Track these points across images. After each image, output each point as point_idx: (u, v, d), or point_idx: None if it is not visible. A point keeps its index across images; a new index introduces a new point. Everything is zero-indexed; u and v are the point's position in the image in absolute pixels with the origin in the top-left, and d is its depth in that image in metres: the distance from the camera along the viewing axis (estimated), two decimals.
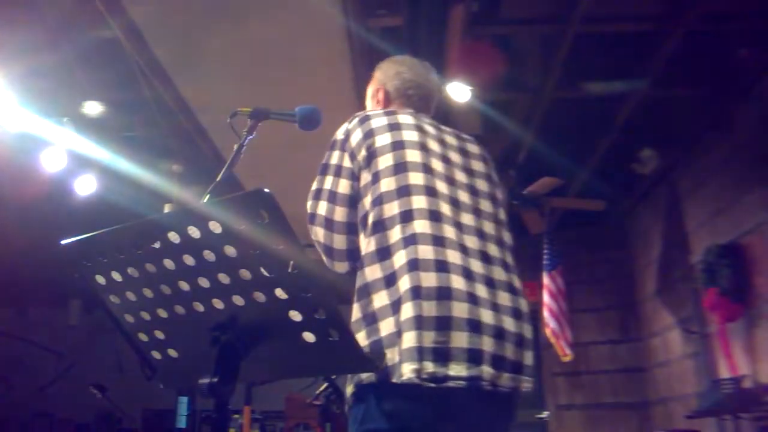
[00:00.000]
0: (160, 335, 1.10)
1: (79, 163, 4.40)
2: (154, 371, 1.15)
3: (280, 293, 0.95)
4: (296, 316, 0.96)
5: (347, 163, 1.52)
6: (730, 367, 3.94)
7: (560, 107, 4.26)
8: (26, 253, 5.84)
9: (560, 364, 5.12)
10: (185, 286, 1.00)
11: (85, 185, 4.55)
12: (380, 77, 1.77)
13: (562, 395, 5.88)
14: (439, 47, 3.50)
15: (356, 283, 1.43)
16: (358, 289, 1.41)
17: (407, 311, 1.30)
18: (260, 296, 0.96)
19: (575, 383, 5.85)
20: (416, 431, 1.29)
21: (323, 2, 3.25)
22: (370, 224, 1.43)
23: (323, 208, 1.51)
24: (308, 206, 1.55)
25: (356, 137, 1.52)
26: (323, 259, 1.57)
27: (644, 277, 5.58)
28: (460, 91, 3.80)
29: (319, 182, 1.54)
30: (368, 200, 1.46)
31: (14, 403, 6.90)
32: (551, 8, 3.51)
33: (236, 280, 0.96)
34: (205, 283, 0.98)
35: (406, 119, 1.56)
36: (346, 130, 1.56)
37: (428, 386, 1.26)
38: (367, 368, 1.25)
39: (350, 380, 1.38)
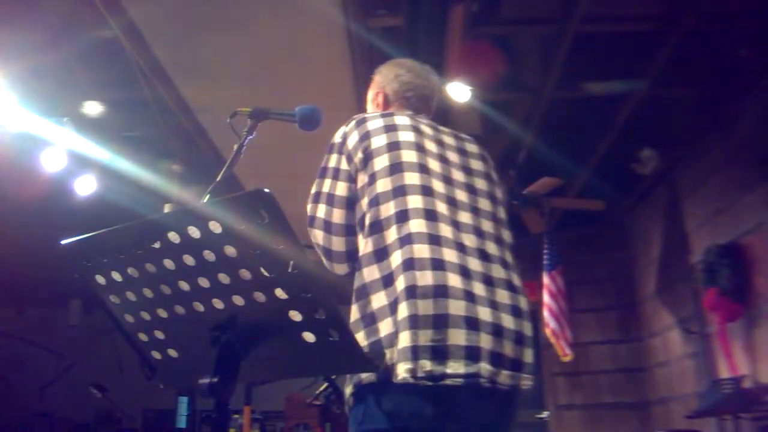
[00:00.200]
0: (160, 335, 1.10)
1: (79, 163, 4.39)
2: (154, 371, 1.15)
3: (280, 293, 0.95)
4: (296, 316, 0.96)
5: (344, 165, 1.53)
6: (730, 367, 3.94)
7: (560, 107, 4.25)
8: (26, 253, 5.84)
9: (560, 364, 5.11)
10: (185, 286, 1.00)
11: (85, 185, 4.55)
12: (379, 81, 1.78)
13: (562, 395, 5.88)
14: (439, 47, 3.51)
15: (354, 284, 1.43)
16: (356, 290, 1.42)
17: (403, 311, 1.31)
18: (260, 296, 0.96)
19: (575, 383, 5.85)
20: (416, 430, 1.29)
21: (323, 2, 3.25)
22: (367, 225, 1.44)
23: (322, 210, 1.52)
24: (308, 209, 1.56)
25: (353, 140, 1.53)
26: (323, 261, 1.58)
27: (644, 277, 5.58)
28: (460, 91, 3.80)
29: (317, 185, 1.55)
30: (365, 201, 1.47)
31: (14, 403, 6.90)
32: (551, 8, 3.51)
33: (236, 280, 0.96)
34: (205, 283, 0.98)
35: (402, 120, 1.56)
36: (343, 133, 1.57)
37: (426, 385, 1.27)
38: (367, 368, 1.25)
39: (349, 381, 1.38)
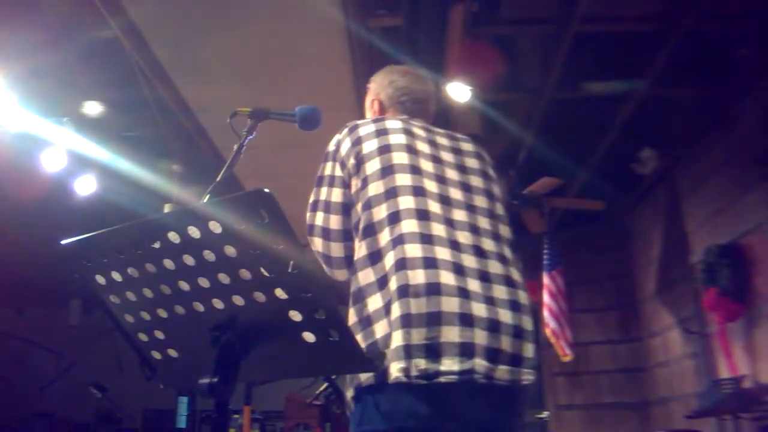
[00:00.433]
0: (160, 335, 1.10)
1: (79, 163, 4.39)
2: (154, 371, 1.15)
3: (280, 293, 0.95)
4: (296, 316, 0.96)
5: (338, 172, 1.55)
6: (730, 367, 3.94)
7: (560, 107, 4.25)
8: (26, 253, 5.84)
9: (560, 364, 5.11)
10: (185, 286, 1.00)
11: (85, 185, 4.55)
12: (374, 88, 1.81)
13: (562, 395, 5.88)
14: (439, 47, 3.50)
15: (351, 288, 1.44)
16: (352, 293, 1.43)
17: (395, 311, 1.32)
18: (260, 296, 0.96)
19: (575, 383, 5.85)
20: (413, 430, 1.29)
21: (323, 2, 3.25)
22: (361, 229, 1.46)
23: (320, 218, 1.55)
24: (307, 218, 1.58)
25: (345, 146, 1.55)
26: (324, 268, 1.59)
27: (644, 277, 5.58)
28: (460, 91, 3.80)
29: (315, 194, 1.58)
30: (359, 206, 1.48)
31: (14, 403, 6.90)
32: (551, 8, 3.51)
33: (236, 280, 0.96)
34: (205, 283, 0.98)
35: (393, 124, 1.58)
36: (336, 140, 1.59)
37: (420, 384, 1.27)
38: (366, 368, 1.25)
39: (350, 384, 1.39)
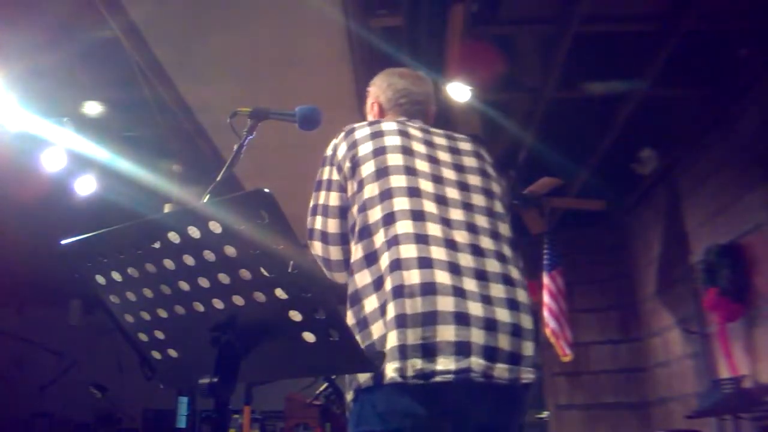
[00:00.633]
0: (160, 335, 1.10)
1: (79, 163, 4.39)
2: (154, 371, 1.15)
3: (280, 293, 0.95)
4: (296, 316, 0.96)
5: (335, 176, 1.56)
6: (730, 367, 3.94)
7: (560, 107, 4.25)
8: (26, 252, 5.84)
9: (560, 364, 5.11)
10: (185, 286, 1.00)
11: (85, 185, 4.55)
12: (374, 91, 1.82)
13: (562, 395, 5.88)
14: (439, 47, 3.50)
15: (348, 290, 1.45)
16: (350, 295, 1.43)
17: (390, 311, 1.32)
18: (260, 296, 0.96)
19: (575, 383, 5.85)
20: (410, 431, 1.29)
21: (323, 2, 3.25)
22: (356, 231, 1.46)
23: (319, 222, 1.56)
24: (307, 223, 1.59)
25: (342, 150, 1.56)
26: (324, 271, 1.61)
27: (644, 277, 5.58)
28: (460, 91, 3.80)
29: (314, 198, 1.59)
30: (355, 209, 1.49)
31: (14, 403, 6.90)
32: (551, 8, 3.51)
33: (236, 280, 0.96)
34: (205, 283, 0.98)
35: (389, 126, 1.58)
36: (333, 145, 1.60)
37: (417, 384, 1.27)
38: (366, 368, 1.25)
39: (349, 386, 1.40)
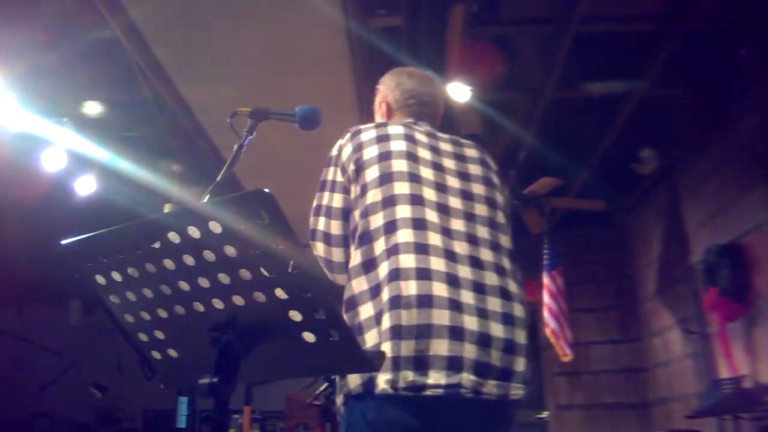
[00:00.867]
0: (160, 335, 1.10)
1: (79, 163, 4.40)
2: (154, 371, 1.15)
3: (280, 293, 0.95)
4: (296, 316, 0.96)
5: (339, 177, 1.55)
6: (730, 367, 3.94)
7: (560, 107, 4.25)
8: (26, 252, 5.84)
9: (560, 364, 5.11)
10: (185, 286, 1.00)
11: (85, 185, 4.55)
12: (382, 90, 1.80)
13: (562, 395, 5.88)
14: (439, 47, 3.50)
15: (344, 295, 1.44)
16: (345, 300, 1.42)
17: (386, 321, 1.31)
18: (260, 296, 0.96)
19: (575, 383, 5.85)
20: None
21: (323, 2, 3.25)
22: (357, 236, 1.45)
23: (322, 223, 1.55)
24: (310, 223, 1.58)
25: (347, 152, 1.55)
26: (326, 272, 1.60)
27: (644, 277, 5.58)
28: (460, 91, 3.80)
29: (318, 199, 1.58)
30: (357, 213, 1.48)
31: (14, 403, 6.90)
32: (551, 8, 3.51)
33: (236, 280, 0.96)
34: (205, 283, 0.98)
35: (396, 130, 1.56)
36: (339, 145, 1.59)
37: (407, 395, 1.27)
38: (366, 368, 1.25)
39: (339, 391, 1.39)
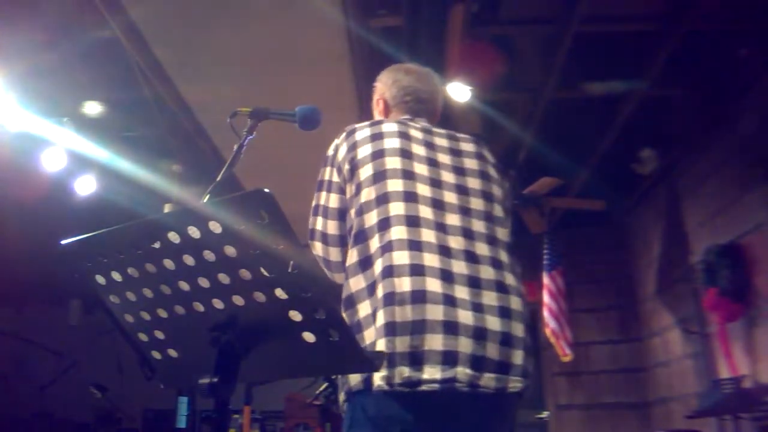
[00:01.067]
0: (160, 335, 1.10)
1: (79, 163, 4.40)
2: (154, 371, 1.15)
3: (280, 293, 0.95)
4: (296, 316, 0.96)
5: (335, 177, 1.56)
6: (730, 367, 3.94)
7: (560, 107, 4.25)
8: (26, 252, 5.84)
9: (560, 364, 5.11)
10: (185, 286, 1.00)
11: (85, 185, 4.55)
12: (380, 87, 1.80)
13: (562, 395, 5.88)
14: (439, 47, 3.50)
15: (343, 293, 1.44)
16: (344, 299, 1.43)
17: (380, 318, 1.32)
18: (260, 296, 0.96)
19: (575, 383, 5.85)
20: None
21: (323, 2, 3.25)
22: (353, 235, 1.46)
23: (319, 223, 1.56)
24: (309, 222, 1.59)
25: (342, 151, 1.56)
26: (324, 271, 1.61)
27: (644, 277, 5.58)
28: (460, 91, 3.80)
29: (316, 199, 1.59)
30: (353, 212, 1.49)
31: (14, 403, 6.89)
32: (551, 8, 3.51)
33: (236, 280, 0.96)
34: (205, 283, 0.98)
35: (389, 127, 1.57)
36: (335, 145, 1.60)
37: (403, 391, 1.27)
38: (366, 368, 1.25)
39: (342, 388, 1.40)
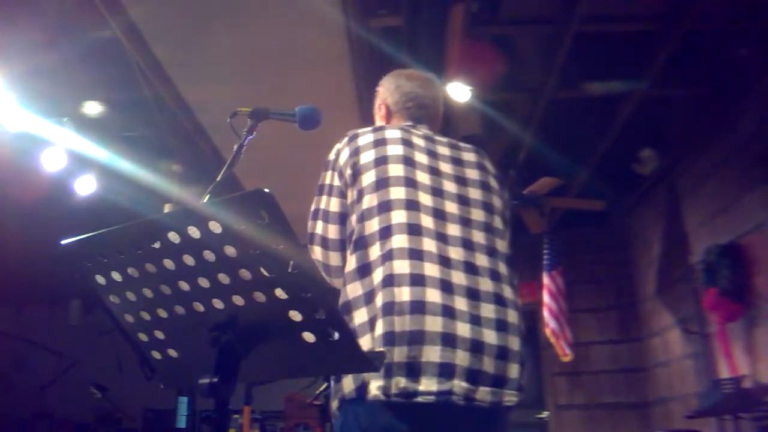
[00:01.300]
0: (160, 335, 1.10)
1: (79, 163, 4.40)
2: (154, 371, 1.15)
3: (280, 293, 0.95)
4: (296, 316, 0.96)
5: (337, 182, 1.55)
6: (730, 367, 3.94)
7: (560, 107, 4.25)
8: (26, 252, 5.84)
9: (560, 364, 5.11)
10: (185, 286, 1.00)
11: (85, 185, 4.55)
12: (382, 92, 1.79)
13: (562, 395, 5.88)
14: (439, 47, 3.50)
15: (339, 300, 1.44)
16: (340, 305, 1.42)
17: (379, 327, 1.32)
18: (260, 296, 0.96)
19: (575, 383, 5.85)
20: None
21: (323, 2, 3.25)
22: (353, 241, 1.45)
23: (319, 227, 1.56)
24: (308, 226, 1.58)
25: (344, 156, 1.55)
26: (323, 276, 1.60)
27: (644, 277, 5.58)
28: (460, 91, 3.80)
29: (316, 203, 1.58)
30: (354, 218, 1.48)
31: (14, 403, 6.90)
32: (551, 8, 3.51)
33: (236, 280, 0.96)
34: (205, 283, 0.98)
35: (393, 134, 1.56)
36: (336, 149, 1.59)
37: (398, 402, 1.27)
38: (366, 368, 1.25)
39: (334, 395, 1.40)
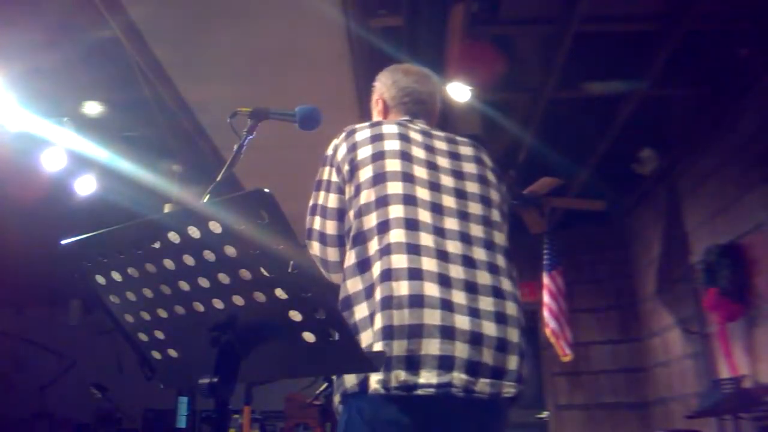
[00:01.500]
0: (160, 335, 1.10)
1: (79, 163, 4.40)
2: (154, 371, 1.15)
3: (280, 293, 0.95)
4: (296, 316, 0.96)
5: (334, 177, 1.55)
6: (730, 367, 3.94)
7: (560, 107, 4.26)
8: (26, 252, 5.83)
9: (560, 364, 5.11)
10: (185, 286, 1.00)
11: (85, 185, 4.55)
12: (379, 87, 1.79)
13: (562, 395, 5.88)
14: (439, 47, 3.50)
15: (340, 294, 1.44)
16: (341, 300, 1.43)
17: (378, 322, 1.32)
18: (260, 296, 0.96)
19: (575, 383, 5.85)
20: None
21: (323, 2, 3.25)
22: (351, 237, 1.46)
23: (317, 223, 1.56)
24: (306, 222, 1.59)
25: (342, 151, 1.55)
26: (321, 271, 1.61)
27: (644, 277, 5.58)
28: (460, 91, 3.80)
29: (314, 198, 1.59)
30: (352, 213, 1.48)
31: (14, 403, 6.90)
32: (551, 8, 3.51)
33: (236, 280, 0.96)
34: (205, 283, 0.98)
35: (390, 129, 1.56)
36: (334, 145, 1.59)
37: (399, 395, 1.28)
38: (366, 368, 1.25)
39: (337, 389, 1.40)
